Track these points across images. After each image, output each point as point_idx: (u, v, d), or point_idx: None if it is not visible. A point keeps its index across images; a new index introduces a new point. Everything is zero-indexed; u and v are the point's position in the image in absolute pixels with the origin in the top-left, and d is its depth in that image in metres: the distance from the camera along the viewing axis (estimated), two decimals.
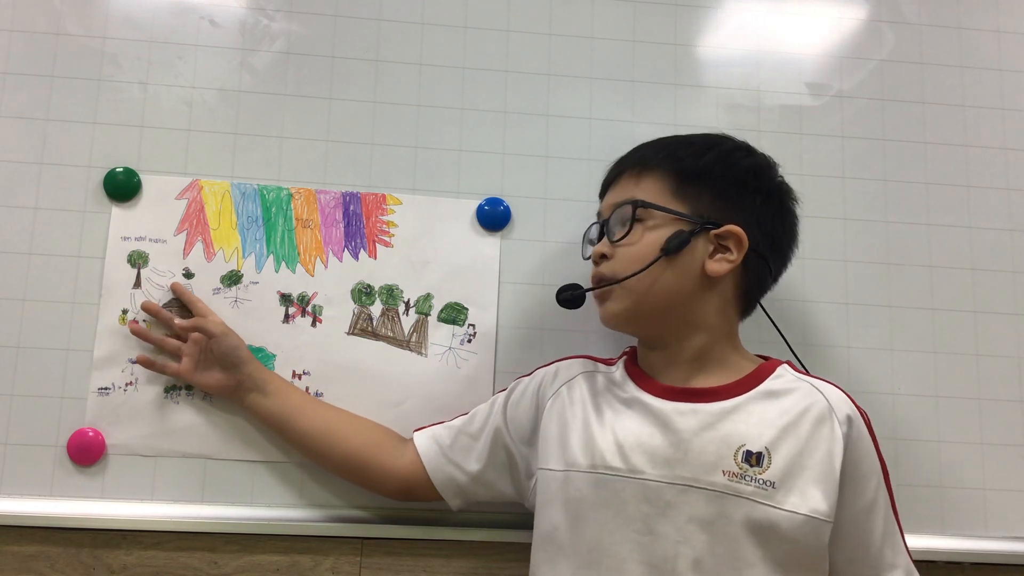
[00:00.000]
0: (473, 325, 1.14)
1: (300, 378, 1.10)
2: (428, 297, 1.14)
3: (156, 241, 1.12)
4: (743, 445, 0.87)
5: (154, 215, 1.12)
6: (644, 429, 0.91)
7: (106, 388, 1.08)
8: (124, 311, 1.10)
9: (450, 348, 1.13)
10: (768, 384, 0.92)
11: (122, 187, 1.12)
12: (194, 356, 1.07)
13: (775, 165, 1.00)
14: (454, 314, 1.14)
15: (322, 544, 1.09)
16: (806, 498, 0.85)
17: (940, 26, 1.26)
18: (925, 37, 1.26)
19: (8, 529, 1.06)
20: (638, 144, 1.03)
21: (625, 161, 1.02)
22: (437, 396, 1.12)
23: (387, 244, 1.15)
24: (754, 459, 0.86)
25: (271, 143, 1.15)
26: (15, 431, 1.07)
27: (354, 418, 1.08)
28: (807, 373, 0.96)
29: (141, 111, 1.14)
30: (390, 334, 1.13)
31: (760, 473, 0.86)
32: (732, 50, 1.23)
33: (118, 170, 1.12)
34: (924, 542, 1.10)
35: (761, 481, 0.85)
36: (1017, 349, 1.19)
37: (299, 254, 1.13)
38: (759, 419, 0.89)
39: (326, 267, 1.14)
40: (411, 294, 1.14)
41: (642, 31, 1.22)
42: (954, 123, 1.24)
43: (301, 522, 1.08)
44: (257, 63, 1.17)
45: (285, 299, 1.12)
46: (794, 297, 1.16)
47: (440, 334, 1.13)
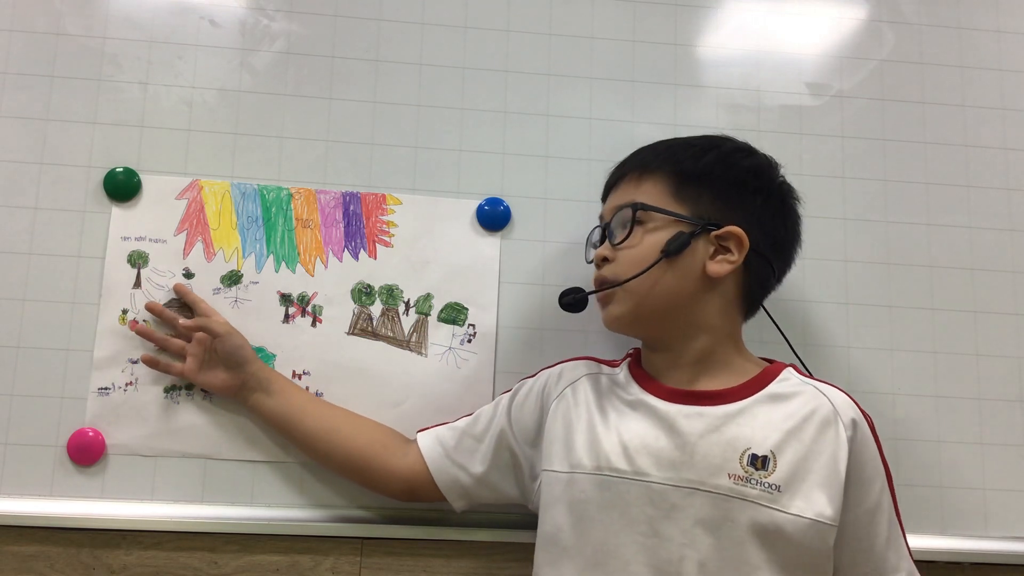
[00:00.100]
0: (473, 325, 1.14)
1: (300, 378, 1.10)
2: (428, 297, 1.14)
3: (156, 241, 1.12)
4: (748, 448, 0.87)
5: (154, 215, 1.12)
6: (649, 431, 0.91)
7: (106, 388, 1.08)
8: (124, 311, 1.10)
9: (450, 348, 1.13)
10: (773, 387, 0.92)
11: (122, 187, 1.12)
12: (198, 356, 1.07)
13: (776, 165, 1.00)
14: (454, 314, 1.14)
15: (322, 544, 1.09)
16: (811, 502, 0.85)
17: (940, 26, 1.26)
18: (925, 37, 1.26)
19: (8, 529, 1.06)
20: (639, 146, 1.03)
21: (626, 164, 1.02)
22: (437, 396, 1.12)
23: (387, 244, 1.15)
24: (759, 462, 0.86)
25: (271, 143, 1.15)
26: (15, 431, 1.07)
27: (358, 418, 1.08)
28: (811, 376, 0.96)
29: (141, 111, 1.14)
30: (390, 334, 1.13)
31: (765, 477, 0.86)
32: (732, 50, 1.23)
33: (118, 170, 1.12)
34: (924, 542, 1.09)
35: (766, 485, 0.85)
36: (1017, 349, 1.19)
37: (299, 254, 1.13)
38: (764, 422, 0.89)
39: (326, 267, 1.14)
40: (411, 294, 1.14)
41: (642, 31, 1.22)
42: (954, 123, 1.24)
43: (301, 522, 1.08)
44: (257, 63, 1.17)
45: (285, 299, 1.12)
46: (794, 297, 1.16)
47: (440, 334, 1.13)
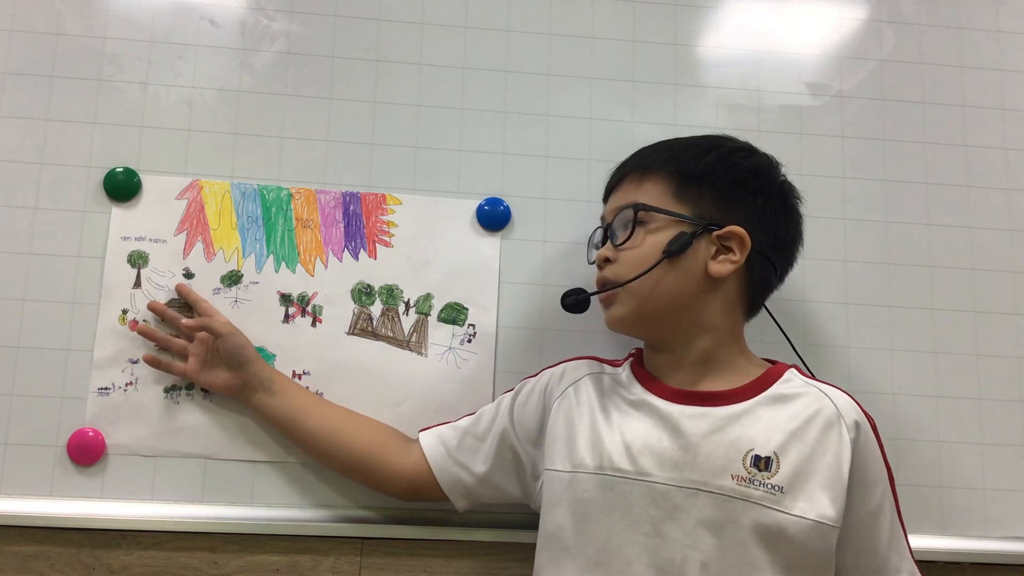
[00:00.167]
0: (473, 325, 1.14)
1: (300, 378, 1.10)
2: (428, 297, 1.14)
3: (156, 241, 1.12)
4: (752, 449, 0.87)
5: (154, 215, 1.12)
6: (652, 432, 0.91)
7: (106, 388, 1.08)
8: (124, 311, 1.10)
9: (450, 348, 1.13)
10: (776, 388, 0.92)
11: (122, 187, 1.12)
12: (200, 355, 1.07)
13: (777, 165, 1.00)
14: (454, 314, 1.14)
15: (322, 544, 1.09)
16: (814, 503, 0.85)
17: (940, 26, 1.26)
18: (925, 37, 1.26)
19: (8, 529, 1.06)
20: (639, 146, 1.03)
21: (627, 165, 1.02)
22: (437, 396, 1.12)
23: (387, 244, 1.15)
24: (763, 464, 0.86)
25: (271, 143, 1.15)
26: (15, 431, 1.07)
27: (360, 418, 1.08)
28: (814, 377, 0.96)
29: (141, 111, 1.14)
30: (390, 334, 1.13)
31: (769, 478, 0.86)
32: (732, 50, 1.23)
33: (118, 170, 1.12)
34: (924, 542, 1.09)
35: (769, 486, 0.85)
36: (1017, 349, 1.19)
37: (299, 254, 1.13)
38: (767, 424, 0.89)
39: (326, 267, 1.13)
40: (411, 294, 1.14)
41: (642, 31, 1.22)
42: (954, 123, 1.24)
43: (301, 522, 1.08)
44: (257, 63, 1.17)
45: (285, 299, 1.12)
46: (794, 297, 1.16)
47: (440, 334, 1.13)
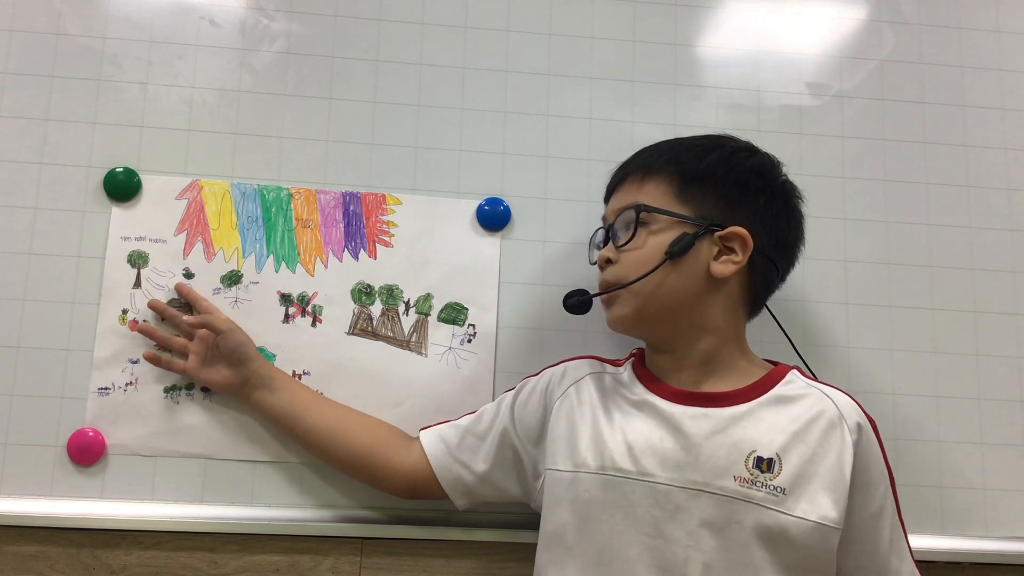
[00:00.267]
0: (473, 325, 1.14)
1: (300, 378, 1.10)
2: (428, 297, 1.14)
3: (156, 241, 1.12)
4: (754, 451, 0.87)
5: (154, 215, 1.12)
6: (655, 432, 0.91)
7: (106, 388, 1.08)
8: (124, 311, 1.10)
9: (450, 348, 1.13)
10: (779, 390, 0.92)
11: (122, 187, 1.12)
12: (201, 353, 1.07)
13: (779, 164, 1.00)
14: (454, 314, 1.14)
15: (322, 544, 1.09)
16: (816, 505, 0.85)
17: (940, 26, 1.26)
18: (925, 37, 1.26)
19: (8, 529, 1.06)
20: (639, 146, 1.03)
21: (628, 165, 1.02)
22: (437, 396, 1.11)
23: (387, 244, 1.15)
24: (765, 465, 0.86)
25: (271, 143, 1.15)
26: (15, 431, 1.07)
27: (361, 416, 1.08)
28: (815, 379, 0.96)
29: (141, 111, 1.14)
30: (390, 334, 1.13)
31: (771, 479, 0.86)
32: (732, 50, 1.23)
33: (118, 170, 1.12)
34: (924, 542, 1.09)
35: (772, 487, 0.85)
36: (1017, 349, 1.19)
37: (299, 254, 1.13)
38: (770, 425, 0.89)
39: (326, 267, 1.13)
40: (411, 294, 1.14)
41: (642, 31, 1.22)
42: (954, 123, 1.24)
43: (301, 522, 1.08)
44: (257, 63, 1.17)
45: (285, 299, 1.12)
46: (794, 297, 1.16)
47: (440, 334, 1.13)
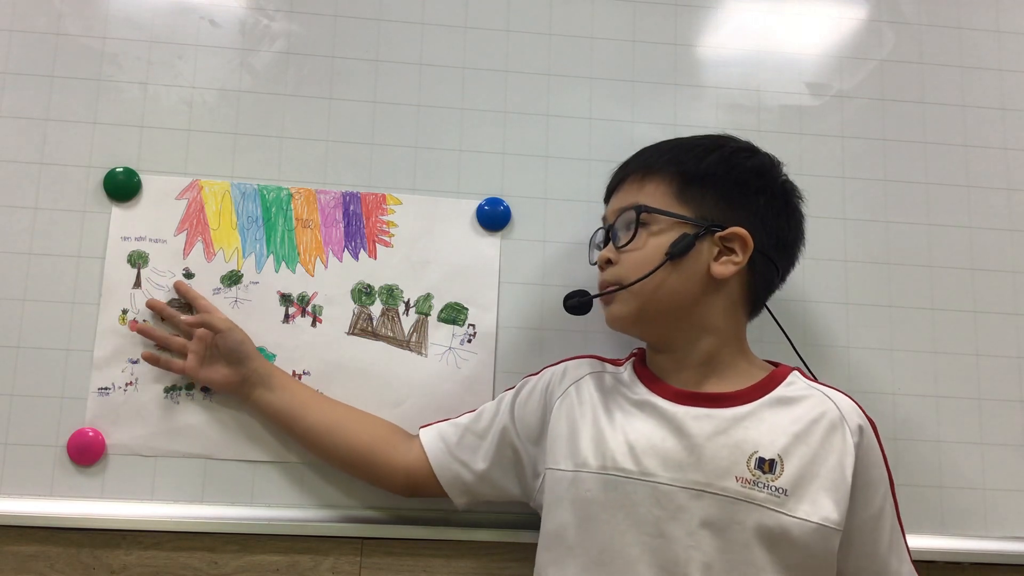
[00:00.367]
0: (473, 325, 1.14)
1: (300, 378, 1.10)
2: (428, 297, 1.14)
3: (156, 241, 1.12)
4: (756, 452, 0.87)
5: (154, 215, 1.12)
6: (656, 432, 0.91)
7: (106, 388, 1.08)
8: (124, 311, 1.10)
9: (450, 348, 1.13)
10: (780, 391, 0.92)
11: (122, 187, 1.12)
12: (199, 353, 1.07)
13: (779, 164, 1.00)
14: (454, 314, 1.14)
15: (322, 544, 1.09)
16: (817, 506, 0.85)
17: (940, 26, 1.26)
18: (925, 37, 1.26)
19: (8, 529, 1.06)
20: (639, 146, 1.03)
21: (628, 165, 1.02)
22: (437, 396, 1.11)
23: (387, 244, 1.15)
24: (767, 466, 0.87)
25: (271, 143, 1.15)
26: (15, 431, 1.07)
27: (360, 413, 1.08)
28: (816, 380, 0.96)
29: (141, 111, 1.14)
30: (390, 334, 1.13)
31: (773, 480, 0.86)
32: (732, 50, 1.23)
33: (118, 170, 1.12)
34: (924, 542, 1.10)
35: (774, 488, 0.86)
36: (1017, 349, 1.19)
37: (299, 254, 1.13)
38: (771, 426, 0.89)
39: (326, 267, 1.14)
40: (411, 294, 1.14)
41: (642, 31, 1.22)
42: (954, 123, 1.24)
43: (301, 522, 1.08)
44: (257, 63, 1.17)
45: (285, 299, 1.12)
46: (794, 297, 1.16)
47: (440, 334, 1.13)
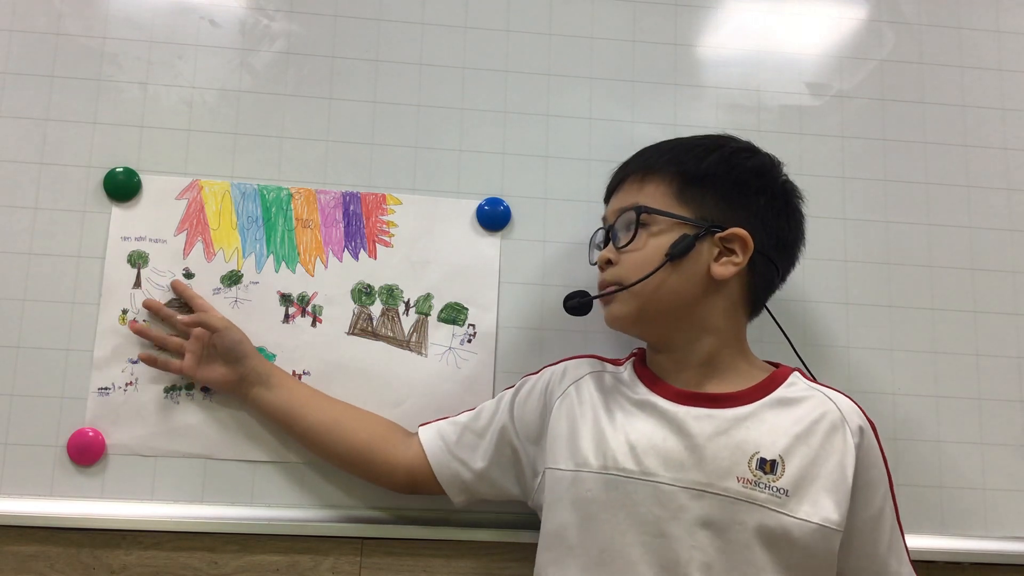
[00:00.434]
0: (473, 325, 1.14)
1: (300, 378, 1.10)
2: (428, 297, 1.14)
3: (156, 241, 1.12)
4: (757, 452, 0.87)
5: (154, 215, 1.12)
6: (657, 432, 0.91)
7: (106, 388, 1.08)
8: (124, 311, 1.10)
9: (450, 348, 1.13)
10: (781, 392, 0.93)
11: (122, 187, 1.12)
12: (197, 352, 1.07)
13: (779, 164, 1.00)
14: (454, 314, 1.14)
15: (322, 544, 1.09)
16: (818, 507, 0.85)
17: (940, 26, 1.26)
18: (925, 37, 1.26)
19: (8, 529, 1.06)
20: (639, 146, 1.03)
21: (629, 166, 1.02)
22: (437, 396, 1.11)
23: (387, 244, 1.15)
24: (768, 466, 0.87)
25: (271, 143, 1.15)
26: (15, 431, 1.07)
27: (359, 411, 1.08)
28: (815, 381, 0.96)
29: (141, 111, 1.14)
30: (390, 334, 1.13)
31: (774, 481, 0.86)
32: (732, 50, 1.23)
33: (118, 170, 1.12)
34: (924, 542, 1.10)
35: (775, 489, 0.86)
36: (1017, 349, 1.19)
37: (299, 254, 1.13)
38: (772, 427, 0.89)
39: (326, 267, 1.14)
40: (411, 294, 1.14)
41: (642, 31, 1.22)
42: (954, 123, 1.24)
43: (301, 522, 1.08)
44: (257, 63, 1.17)
45: (285, 299, 1.12)
46: (794, 297, 1.16)
47: (440, 334, 1.13)
